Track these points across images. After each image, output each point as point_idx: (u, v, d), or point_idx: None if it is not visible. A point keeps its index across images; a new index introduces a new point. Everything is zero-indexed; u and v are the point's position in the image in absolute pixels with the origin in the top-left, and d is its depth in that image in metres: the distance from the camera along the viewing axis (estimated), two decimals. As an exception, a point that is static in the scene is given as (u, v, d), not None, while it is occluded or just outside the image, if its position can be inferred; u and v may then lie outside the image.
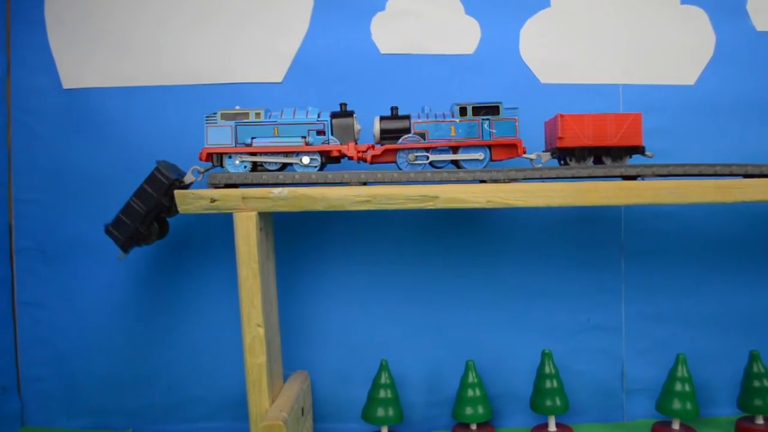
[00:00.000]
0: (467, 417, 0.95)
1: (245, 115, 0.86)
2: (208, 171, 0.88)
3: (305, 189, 0.82)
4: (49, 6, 1.03)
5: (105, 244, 1.01)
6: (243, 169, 0.86)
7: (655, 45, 1.04)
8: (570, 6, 1.03)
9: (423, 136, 0.86)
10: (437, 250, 1.04)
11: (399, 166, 0.87)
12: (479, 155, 0.86)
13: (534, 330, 1.04)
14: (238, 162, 0.86)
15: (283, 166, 0.86)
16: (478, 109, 0.86)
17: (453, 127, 0.86)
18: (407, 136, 0.86)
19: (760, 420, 0.96)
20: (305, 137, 0.86)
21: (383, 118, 0.88)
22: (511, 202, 0.82)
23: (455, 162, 0.88)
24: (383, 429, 0.96)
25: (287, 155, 0.86)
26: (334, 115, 0.87)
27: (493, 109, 0.86)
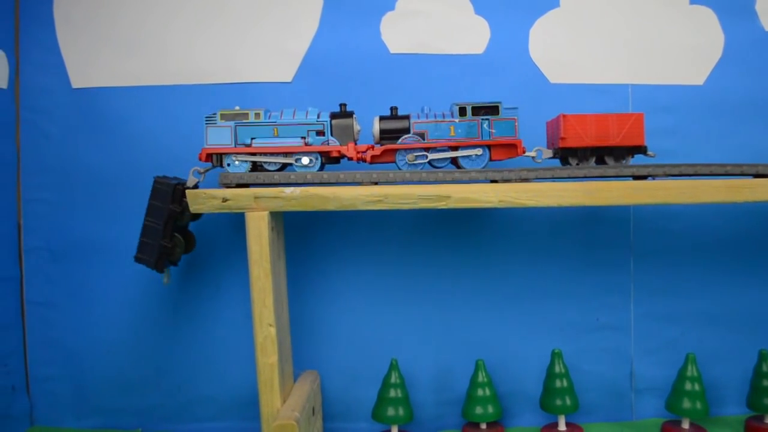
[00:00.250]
0: (477, 416, 0.95)
1: (245, 116, 0.86)
2: (207, 171, 0.88)
3: (317, 189, 0.82)
4: (58, 5, 1.03)
5: (114, 243, 1.03)
6: (243, 170, 0.86)
7: (664, 45, 1.04)
8: (579, 6, 1.04)
9: (422, 136, 0.86)
10: (446, 250, 1.04)
11: (398, 166, 0.86)
12: (478, 151, 0.85)
13: (543, 330, 1.04)
14: (237, 162, 0.86)
15: (283, 166, 0.86)
16: (477, 109, 0.86)
17: (452, 127, 0.86)
18: (407, 136, 0.86)
19: (769, 419, 0.96)
20: (305, 138, 0.86)
21: (383, 118, 0.88)
22: (523, 201, 0.82)
23: (455, 162, 0.87)
24: (393, 428, 0.96)
25: (287, 156, 0.86)
26: (333, 116, 0.87)
27: (493, 109, 0.86)
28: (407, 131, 0.87)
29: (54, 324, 1.04)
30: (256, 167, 0.86)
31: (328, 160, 0.87)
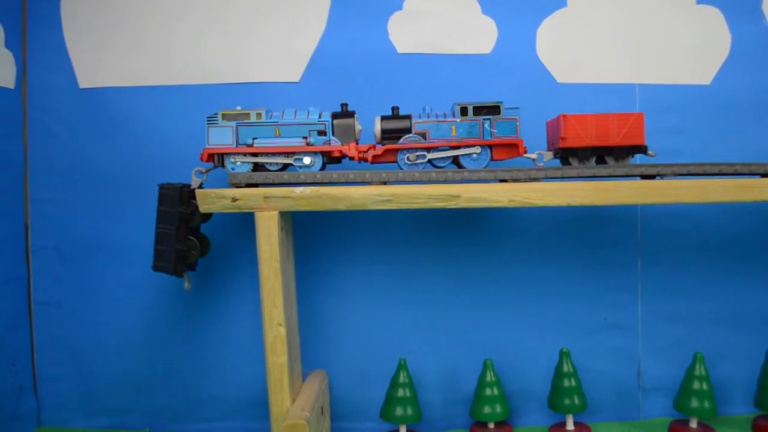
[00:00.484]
0: (485, 416, 0.95)
1: (246, 116, 0.86)
2: (209, 171, 0.88)
3: (327, 188, 0.81)
4: (65, 5, 1.03)
5: (121, 243, 1.03)
6: (244, 170, 0.86)
7: (671, 45, 1.04)
8: (586, 6, 1.04)
9: (424, 135, 0.86)
10: (454, 250, 1.04)
11: (400, 166, 0.86)
12: (477, 150, 0.85)
13: (551, 329, 1.04)
14: (238, 163, 0.86)
15: (284, 166, 0.86)
16: (478, 109, 0.86)
17: (454, 127, 0.86)
18: (408, 135, 0.86)
19: (777, 418, 0.96)
20: (306, 137, 0.86)
21: (384, 117, 0.88)
22: (533, 201, 0.82)
23: (456, 161, 0.87)
24: (402, 428, 0.96)
25: (288, 155, 0.86)
26: (335, 116, 0.87)
27: (494, 109, 0.86)
28: (409, 131, 0.87)
29: (61, 324, 1.04)
30: (257, 167, 0.86)
31: (329, 160, 0.87)
